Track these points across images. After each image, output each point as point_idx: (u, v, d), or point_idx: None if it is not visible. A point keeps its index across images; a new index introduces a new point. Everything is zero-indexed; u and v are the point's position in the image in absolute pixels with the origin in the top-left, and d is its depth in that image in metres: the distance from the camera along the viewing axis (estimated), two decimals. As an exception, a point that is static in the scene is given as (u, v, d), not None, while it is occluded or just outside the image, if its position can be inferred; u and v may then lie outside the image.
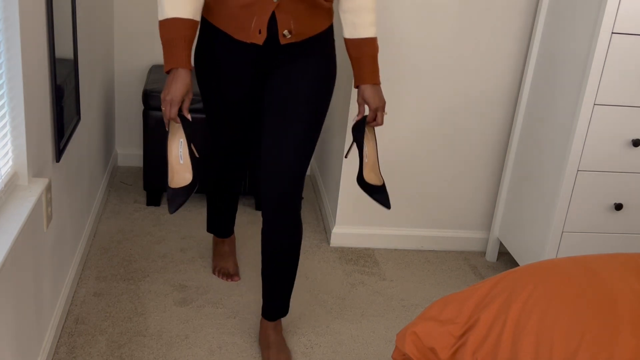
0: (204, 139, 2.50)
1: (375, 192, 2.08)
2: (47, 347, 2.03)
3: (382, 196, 2.08)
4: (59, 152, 2.08)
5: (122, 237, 2.84)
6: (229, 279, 2.61)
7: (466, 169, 2.92)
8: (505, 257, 3.00)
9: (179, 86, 1.84)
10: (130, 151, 3.55)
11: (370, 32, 2.01)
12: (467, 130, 2.85)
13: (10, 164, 1.76)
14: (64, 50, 2.16)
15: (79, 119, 2.41)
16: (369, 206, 2.93)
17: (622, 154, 2.39)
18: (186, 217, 3.07)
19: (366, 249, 2.97)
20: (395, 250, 2.99)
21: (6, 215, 1.66)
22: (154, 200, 3.12)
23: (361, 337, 2.37)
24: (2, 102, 1.69)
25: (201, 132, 2.83)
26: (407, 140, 2.83)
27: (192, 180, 1.89)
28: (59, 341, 2.18)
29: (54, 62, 1.99)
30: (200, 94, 2.18)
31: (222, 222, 2.58)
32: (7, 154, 1.74)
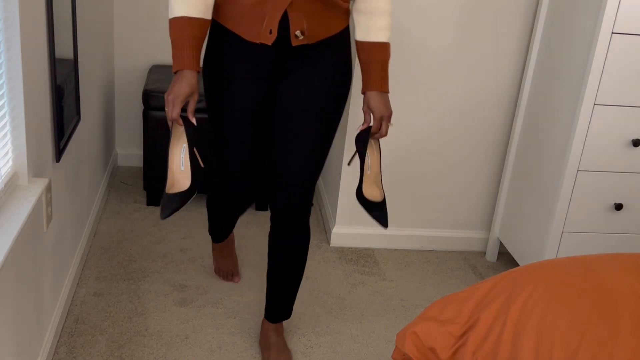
0: (207, 145, 2.30)
1: (374, 208, 1.97)
2: (47, 347, 2.03)
3: (380, 213, 1.96)
4: (59, 152, 2.08)
5: (122, 237, 2.84)
6: (229, 279, 2.60)
7: (466, 169, 2.92)
8: (505, 257, 3.00)
9: (183, 85, 1.75)
10: (130, 151, 3.55)
11: (381, 36, 1.90)
12: (467, 130, 2.85)
13: (10, 164, 1.76)
14: (64, 50, 2.16)
15: (79, 119, 2.41)
16: (369, 206, 2.93)
17: (622, 154, 2.39)
18: (186, 217, 3.07)
19: (366, 249, 2.97)
20: (395, 250, 2.99)
21: (6, 215, 1.66)
22: (154, 200, 3.12)
23: (361, 337, 2.37)
24: (2, 102, 1.69)
25: (205, 136, 2.66)
26: (407, 140, 2.83)
27: (189, 187, 1.78)
28: (59, 341, 2.18)
29: (54, 62, 1.99)
30: (205, 102, 2.04)
31: (223, 232, 2.48)
32: (7, 154, 1.74)
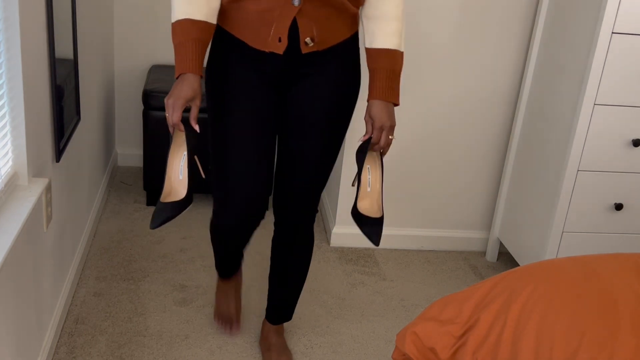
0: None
1: (367, 223, 1.80)
2: (47, 347, 2.03)
3: (372, 229, 1.79)
4: (58, 152, 2.08)
5: (122, 237, 2.84)
6: (228, 329, 2.31)
7: (466, 169, 2.92)
8: (505, 257, 3.00)
9: (184, 88, 1.65)
10: (130, 151, 3.55)
11: (389, 42, 1.78)
12: (468, 130, 2.85)
13: (10, 164, 1.76)
14: (64, 50, 2.16)
15: (79, 119, 2.41)
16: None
17: (622, 154, 2.39)
18: (186, 217, 3.07)
19: (366, 249, 2.97)
20: (395, 250, 2.99)
21: (6, 215, 1.66)
22: (154, 200, 3.12)
23: (361, 337, 2.37)
24: (2, 102, 1.69)
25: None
26: (407, 140, 2.83)
27: (185, 196, 1.66)
28: (59, 341, 2.18)
29: (54, 62, 1.99)
30: (208, 114, 1.88)
31: (230, 261, 2.22)
32: (7, 154, 1.73)
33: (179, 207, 1.65)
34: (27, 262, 1.80)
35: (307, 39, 1.73)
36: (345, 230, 2.94)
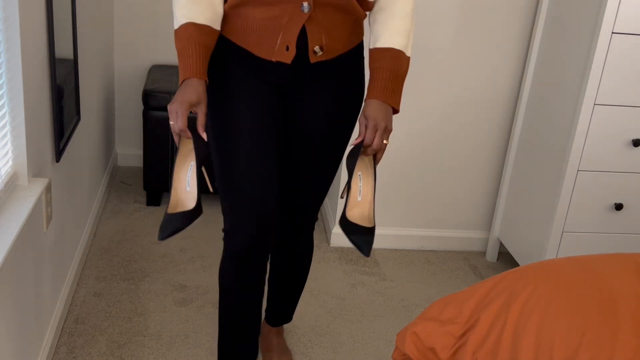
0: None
1: (357, 232, 1.62)
2: (47, 347, 2.03)
3: (361, 238, 1.61)
4: (58, 152, 2.08)
5: (122, 237, 2.84)
6: None
7: (466, 169, 2.92)
8: (505, 257, 3.00)
9: (188, 92, 1.54)
10: (130, 151, 3.55)
11: (395, 42, 1.65)
12: (468, 130, 2.85)
13: (10, 164, 1.76)
14: (64, 50, 2.16)
15: (79, 119, 2.41)
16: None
17: (622, 154, 2.39)
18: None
19: (366, 249, 2.96)
20: (395, 250, 2.99)
21: (6, 215, 1.66)
22: (154, 200, 3.12)
23: (361, 337, 2.37)
24: (2, 102, 1.69)
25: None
26: (407, 140, 2.83)
27: (194, 207, 1.56)
28: (59, 341, 2.18)
29: (54, 62, 1.99)
30: (209, 129, 1.74)
31: (245, 346, 1.95)
32: (7, 154, 1.73)
33: (189, 218, 1.55)
34: (27, 262, 1.80)
35: (316, 48, 1.64)
36: (345, 230, 2.94)
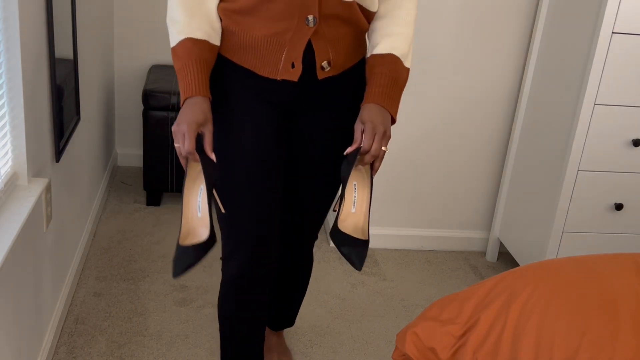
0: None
1: (349, 243, 1.52)
2: (47, 347, 2.03)
3: (355, 250, 1.51)
4: (58, 152, 2.08)
5: (122, 237, 2.84)
6: None
7: (466, 169, 2.92)
8: (505, 257, 3.00)
9: (195, 112, 1.44)
10: (130, 151, 3.55)
11: (392, 48, 1.57)
12: (468, 130, 2.85)
13: (9, 164, 1.76)
14: (64, 50, 2.16)
15: (79, 119, 2.41)
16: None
17: (622, 154, 2.39)
18: (186, 217, 3.06)
19: (366, 249, 2.96)
20: (395, 250, 2.99)
21: (6, 215, 1.66)
22: (154, 200, 3.12)
23: (361, 337, 2.37)
24: (2, 102, 1.69)
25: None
26: (407, 140, 2.83)
27: (208, 237, 1.45)
28: (58, 341, 2.18)
29: (54, 62, 1.99)
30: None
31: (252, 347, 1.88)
32: (6, 154, 1.73)
33: (203, 250, 1.45)
34: (27, 262, 1.80)
35: (324, 63, 1.56)
36: (345, 230, 2.94)
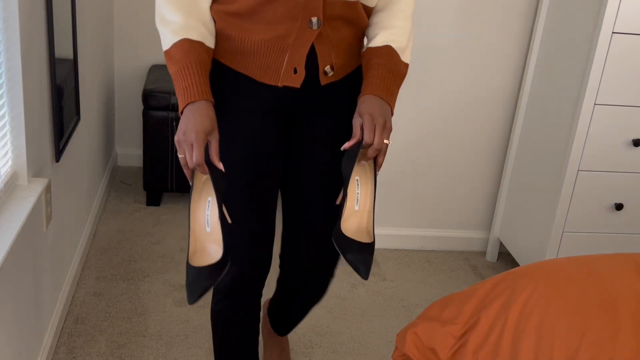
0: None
1: (353, 249, 1.42)
2: (47, 347, 2.03)
3: (361, 257, 1.41)
4: (58, 152, 2.08)
5: (122, 237, 2.84)
6: None
7: (466, 169, 2.92)
8: (505, 257, 3.00)
9: (201, 119, 1.34)
10: (130, 151, 3.55)
11: (390, 40, 1.49)
12: (468, 130, 2.85)
13: (9, 163, 1.76)
14: (64, 50, 2.16)
15: (79, 119, 2.41)
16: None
17: (622, 154, 2.39)
18: (186, 216, 3.06)
19: (366, 249, 2.96)
20: (395, 250, 2.99)
21: (6, 215, 1.66)
22: (154, 200, 3.12)
23: (361, 337, 2.37)
24: (2, 102, 1.69)
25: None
26: (407, 140, 2.83)
27: (222, 256, 1.33)
28: (58, 341, 2.18)
29: (54, 62, 1.99)
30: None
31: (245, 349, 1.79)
32: (6, 154, 1.73)
33: (218, 271, 1.32)
34: (27, 262, 1.80)
35: (327, 68, 1.49)
36: (345, 230, 2.93)
